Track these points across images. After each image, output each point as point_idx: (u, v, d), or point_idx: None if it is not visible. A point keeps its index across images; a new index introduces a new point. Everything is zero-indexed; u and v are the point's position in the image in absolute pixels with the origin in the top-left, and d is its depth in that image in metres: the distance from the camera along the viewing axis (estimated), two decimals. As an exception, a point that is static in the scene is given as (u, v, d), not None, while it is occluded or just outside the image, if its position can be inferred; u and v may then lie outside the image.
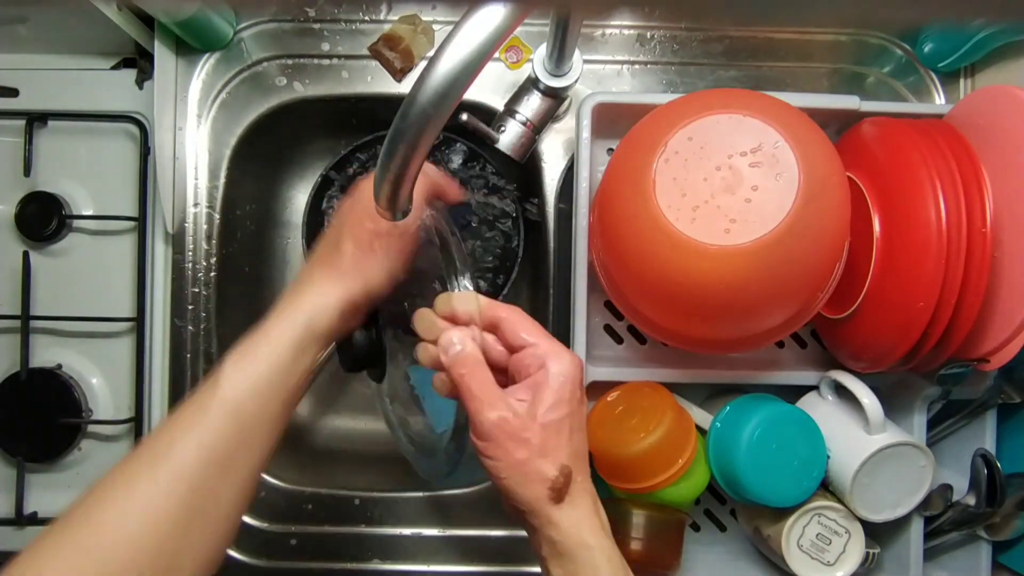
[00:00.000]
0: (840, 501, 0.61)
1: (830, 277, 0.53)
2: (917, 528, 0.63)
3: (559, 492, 0.42)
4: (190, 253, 0.70)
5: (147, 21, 0.67)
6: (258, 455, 0.44)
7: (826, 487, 0.63)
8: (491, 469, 0.42)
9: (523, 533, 0.45)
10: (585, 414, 0.46)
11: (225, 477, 0.42)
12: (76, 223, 0.70)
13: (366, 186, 0.48)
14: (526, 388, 0.43)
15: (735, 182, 0.48)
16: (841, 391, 0.62)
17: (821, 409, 0.62)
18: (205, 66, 0.70)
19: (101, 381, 0.70)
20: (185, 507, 0.40)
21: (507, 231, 0.78)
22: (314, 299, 0.46)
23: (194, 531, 0.40)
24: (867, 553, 0.62)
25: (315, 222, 0.74)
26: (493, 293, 0.74)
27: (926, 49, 0.69)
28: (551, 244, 0.71)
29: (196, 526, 0.40)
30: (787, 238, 0.47)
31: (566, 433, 0.42)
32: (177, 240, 0.70)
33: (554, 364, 0.42)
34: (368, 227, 0.47)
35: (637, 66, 0.71)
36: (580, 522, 0.42)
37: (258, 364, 0.44)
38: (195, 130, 0.70)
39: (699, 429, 0.62)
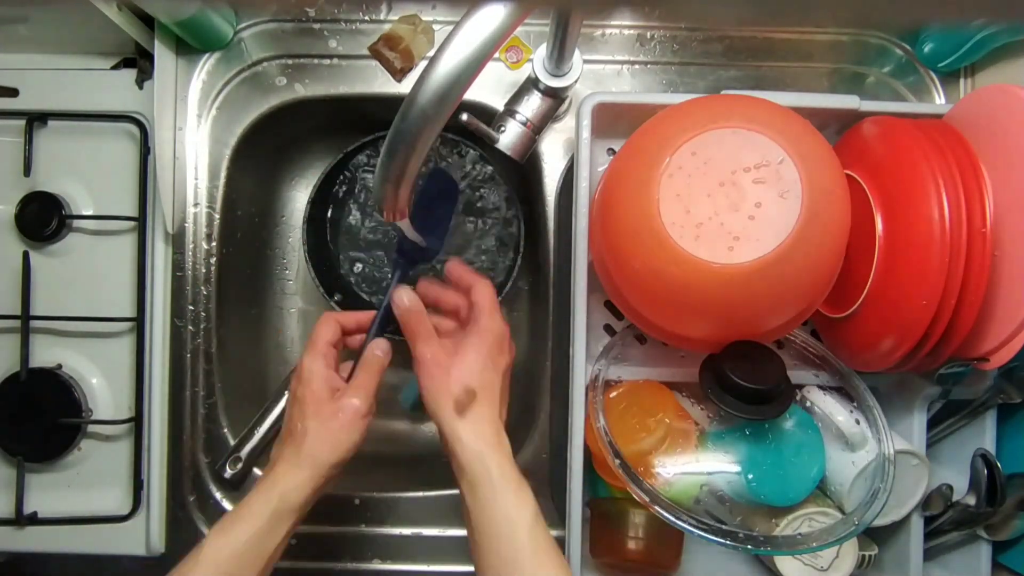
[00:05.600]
0: (834, 504, 0.61)
1: (830, 284, 0.54)
2: (917, 528, 0.63)
3: (461, 406, 0.53)
4: (190, 253, 0.70)
5: (147, 21, 0.67)
6: None
7: (822, 489, 0.63)
8: (421, 389, 0.55)
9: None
10: (503, 366, 0.57)
11: None
12: (76, 223, 0.70)
13: (309, 364, 0.56)
14: (463, 334, 0.57)
15: (739, 199, 0.48)
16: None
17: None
18: (205, 66, 0.70)
19: (101, 381, 0.70)
20: None
21: (507, 232, 0.78)
22: (286, 478, 0.53)
23: None
24: (862, 556, 0.62)
25: (316, 221, 0.74)
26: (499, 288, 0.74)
27: (926, 49, 0.69)
28: (551, 244, 0.71)
29: None
30: (790, 255, 0.47)
31: (477, 367, 0.55)
32: (177, 240, 0.70)
33: (484, 320, 0.56)
34: (325, 408, 0.55)
35: (637, 66, 0.71)
36: (478, 437, 0.53)
37: (237, 532, 0.51)
38: (195, 130, 0.70)
39: (700, 427, 0.62)
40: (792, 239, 0.47)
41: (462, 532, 0.70)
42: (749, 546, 0.55)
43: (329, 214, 0.77)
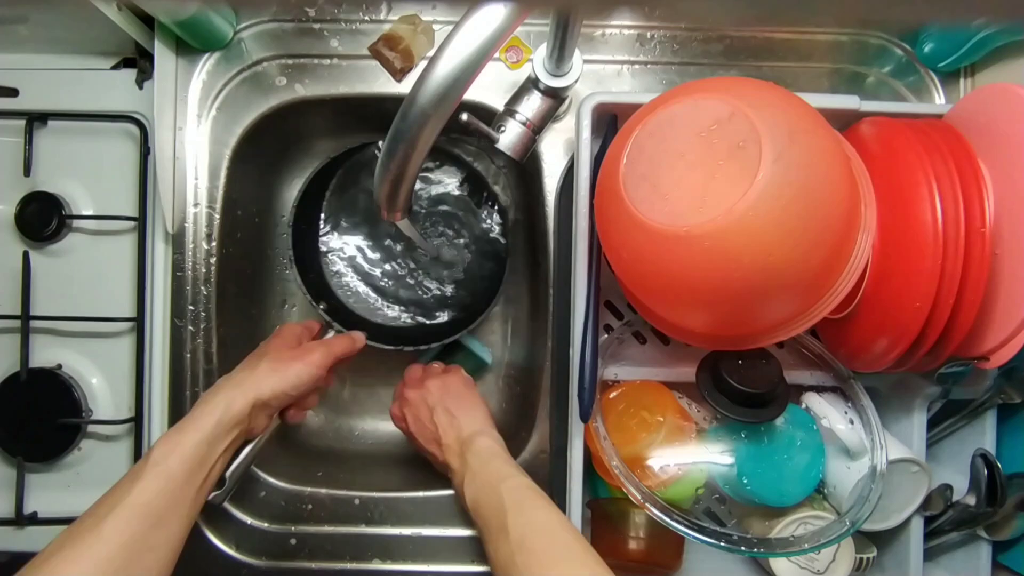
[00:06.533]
0: (834, 510, 0.61)
1: (834, 244, 0.50)
2: (917, 528, 0.63)
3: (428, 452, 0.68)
4: (190, 253, 0.70)
5: (147, 21, 0.67)
6: (184, 513, 0.52)
7: (823, 493, 0.63)
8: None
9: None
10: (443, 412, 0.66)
11: (158, 530, 0.50)
12: (76, 223, 0.70)
13: (289, 326, 0.66)
14: None
15: (698, 162, 0.47)
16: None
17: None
18: (205, 66, 0.70)
19: (101, 381, 0.70)
20: (125, 555, 0.48)
21: (493, 247, 0.78)
22: (231, 393, 0.57)
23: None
24: (860, 559, 0.62)
25: (302, 226, 0.74)
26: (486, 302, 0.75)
27: (926, 49, 0.69)
28: (551, 244, 0.71)
29: (135, 571, 0.48)
30: (765, 198, 0.45)
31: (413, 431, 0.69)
32: (177, 240, 0.70)
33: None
34: (284, 352, 0.62)
35: (637, 66, 0.71)
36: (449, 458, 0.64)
37: (184, 439, 0.53)
38: (195, 130, 0.70)
39: (699, 428, 0.62)
40: (762, 180, 0.45)
41: (462, 532, 0.70)
42: (743, 548, 0.55)
43: (317, 219, 0.78)
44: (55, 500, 0.69)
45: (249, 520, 0.70)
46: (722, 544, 0.55)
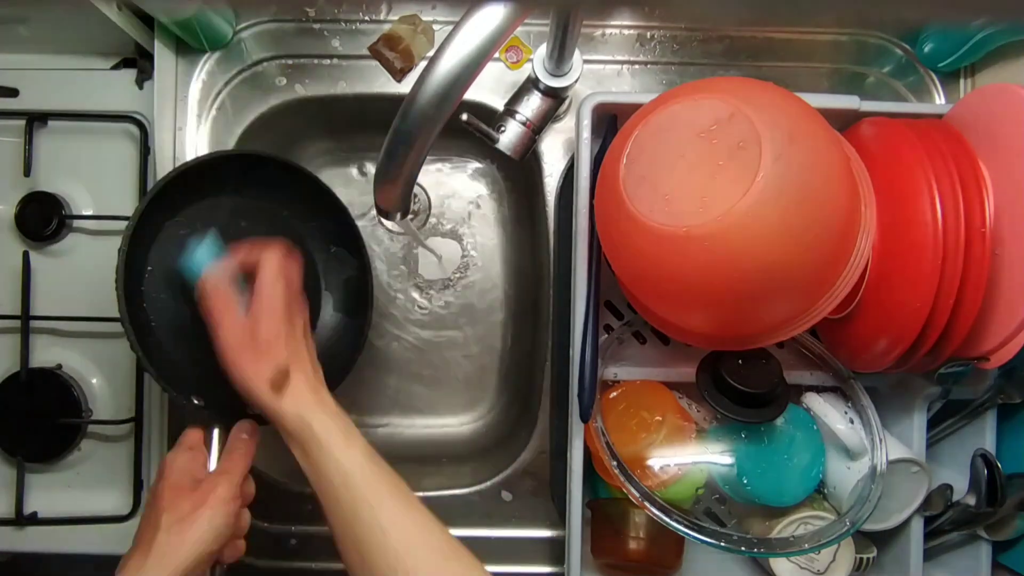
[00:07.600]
0: (834, 510, 0.61)
1: (833, 244, 0.50)
2: (917, 528, 0.63)
3: (278, 385, 0.51)
4: (190, 253, 0.70)
5: (147, 21, 0.67)
6: None
7: (822, 491, 0.63)
8: (235, 379, 0.51)
9: (523, 533, 0.48)
10: (301, 326, 0.54)
11: None
12: (76, 223, 0.70)
13: (171, 457, 0.53)
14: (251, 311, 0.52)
15: (698, 162, 0.48)
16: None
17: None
18: (205, 66, 0.70)
19: (101, 381, 0.70)
20: None
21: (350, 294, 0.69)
22: None
23: None
24: (859, 559, 0.62)
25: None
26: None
27: (926, 49, 0.69)
28: (551, 244, 0.71)
29: None
30: (765, 199, 0.45)
31: (281, 342, 0.52)
32: (177, 240, 0.70)
33: (261, 285, 0.52)
34: (183, 500, 0.50)
35: (637, 66, 0.71)
36: (298, 405, 0.51)
37: None
38: (195, 130, 0.70)
39: (699, 428, 0.62)
40: (761, 181, 0.45)
41: (462, 532, 0.70)
42: (743, 548, 0.55)
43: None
44: (55, 500, 0.69)
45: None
46: (722, 544, 0.55)
